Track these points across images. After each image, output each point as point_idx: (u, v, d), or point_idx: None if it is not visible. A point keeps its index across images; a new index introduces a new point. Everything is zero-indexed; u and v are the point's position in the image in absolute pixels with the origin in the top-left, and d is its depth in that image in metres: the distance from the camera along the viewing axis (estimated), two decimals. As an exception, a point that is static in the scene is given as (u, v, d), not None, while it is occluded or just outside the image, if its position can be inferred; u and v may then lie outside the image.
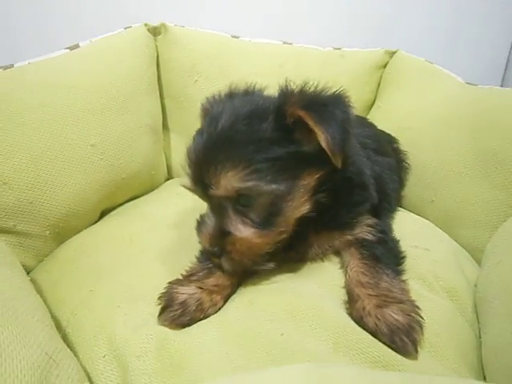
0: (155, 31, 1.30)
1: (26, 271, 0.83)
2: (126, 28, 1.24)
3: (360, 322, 0.67)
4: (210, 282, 0.74)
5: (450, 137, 1.07)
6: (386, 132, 1.19)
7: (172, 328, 0.68)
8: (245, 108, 0.74)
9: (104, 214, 1.10)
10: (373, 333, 0.65)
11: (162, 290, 0.74)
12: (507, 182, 0.93)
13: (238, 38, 1.40)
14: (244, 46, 1.38)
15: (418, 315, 0.67)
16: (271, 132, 0.69)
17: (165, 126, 1.35)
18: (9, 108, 0.89)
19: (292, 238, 0.76)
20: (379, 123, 1.22)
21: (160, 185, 1.30)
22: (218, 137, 0.71)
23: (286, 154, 0.69)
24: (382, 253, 0.79)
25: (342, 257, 0.83)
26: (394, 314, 0.65)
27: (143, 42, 1.24)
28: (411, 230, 0.94)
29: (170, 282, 0.75)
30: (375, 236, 0.81)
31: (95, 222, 1.06)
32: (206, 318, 0.71)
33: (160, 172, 1.29)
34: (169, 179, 1.37)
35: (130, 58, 1.18)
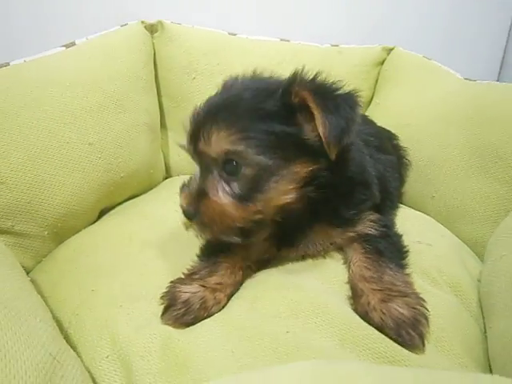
0: (152, 28, 1.29)
1: (25, 272, 0.82)
2: (122, 25, 1.23)
3: (365, 317, 0.67)
4: (213, 281, 0.74)
5: (450, 132, 1.07)
6: (386, 129, 1.18)
7: (176, 327, 0.67)
8: (257, 83, 0.76)
9: (103, 213, 1.09)
10: (379, 327, 0.65)
11: (164, 289, 0.73)
12: (508, 176, 0.93)
13: (235, 35, 1.40)
14: (241, 43, 1.38)
15: (423, 308, 0.67)
16: (274, 107, 0.69)
17: (162, 124, 1.34)
18: (5, 106, 0.88)
19: (287, 231, 0.77)
20: (378, 120, 1.22)
21: (158, 183, 1.29)
22: (223, 101, 0.73)
23: (284, 134, 0.68)
24: (385, 247, 0.78)
25: (345, 253, 0.82)
26: (400, 308, 0.65)
27: (140, 39, 1.23)
28: (413, 226, 0.94)
29: (172, 281, 0.75)
30: (378, 230, 0.80)
31: (94, 222, 1.05)
32: (210, 316, 0.70)
33: (158, 171, 1.28)
34: (167, 178, 1.36)
35: (126, 56, 1.16)
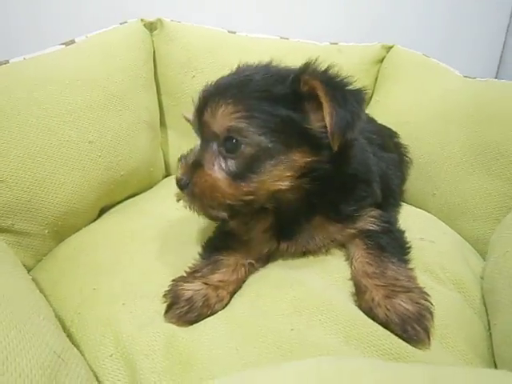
0: (151, 26, 1.29)
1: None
2: (121, 23, 1.22)
3: (370, 314, 0.67)
4: (215, 278, 0.73)
5: (450, 130, 1.07)
6: (387, 126, 1.18)
7: (179, 325, 0.67)
8: (269, 69, 0.76)
9: (103, 211, 1.08)
10: (384, 323, 0.65)
11: (166, 287, 0.73)
12: (509, 173, 0.93)
13: (234, 33, 1.39)
14: (241, 41, 1.37)
15: (427, 302, 0.67)
16: (282, 92, 0.70)
17: (162, 122, 1.33)
18: (4, 104, 0.88)
19: (286, 223, 0.78)
20: (378, 117, 1.22)
21: (158, 182, 1.28)
22: (233, 80, 0.74)
23: (288, 119, 0.69)
24: (387, 242, 0.78)
25: (347, 249, 0.82)
26: (404, 303, 0.65)
27: (139, 37, 1.22)
28: (415, 223, 0.94)
29: (174, 280, 0.74)
30: (379, 226, 0.80)
31: (94, 220, 1.04)
32: (214, 313, 0.70)
33: (158, 169, 1.28)
34: (166, 176, 1.35)
35: (126, 54, 1.16)
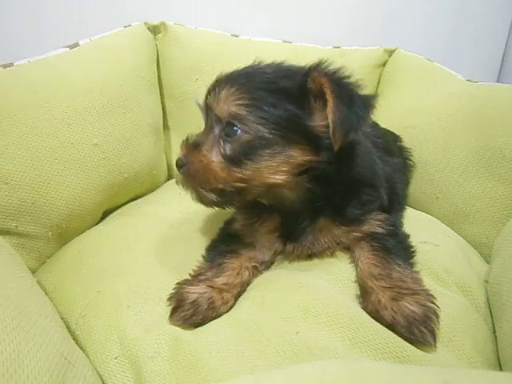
0: (155, 30, 1.30)
1: (29, 273, 0.81)
2: (125, 26, 1.23)
3: (376, 316, 0.67)
4: (220, 281, 0.73)
5: (454, 134, 1.07)
6: (390, 130, 1.19)
7: (184, 328, 0.67)
8: (281, 65, 0.78)
9: (106, 214, 1.08)
10: (390, 326, 0.65)
11: (171, 290, 0.73)
12: (510, 176, 0.93)
13: (237, 36, 1.40)
14: (244, 44, 1.38)
15: (433, 304, 0.67)
16: (289, 87, 0.71)
17: (165, 125, 1.34)
18: (9, 107, 0.88)
19: (290, 225, 0.79)
20: (381, 121, 1.21)
21: (161, 185, 1.29)
22: (245, 71, 0.76)
23: (291, 114, 0.70)
24: (393, 245, 0.78)
25: (352, 252, 0.82)
26: (410, 306, 0.65)
27: (143, 40, 1.23)
28: (419, 227, 0.94)
29: (178, 283, 0.74)
30: (385, 229, 0.80)
31: (97, 223, 1.04)
32: (219, 316, 0.70)
33: (161, 172, 1.28)
34: (169, 179, 1.35)
35: (130, 57, 1.17)
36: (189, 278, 0.76)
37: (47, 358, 0.45)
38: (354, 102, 0.68)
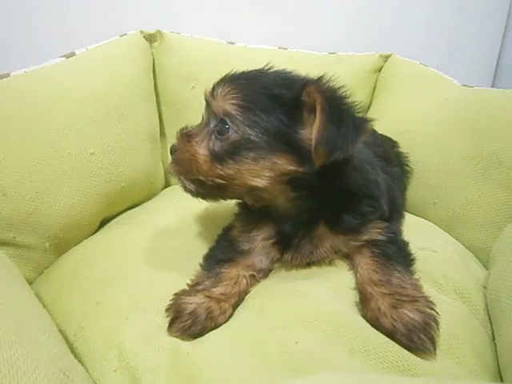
0: (151, 38, 1.30)
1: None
2: (121, 35, 1.23)
3: (376, 323, 0.67)
4: (217, 291, 0.73)
5: (450, 139, 1.08)
6: (387, 136, 1.19)
7: (183, 339, 0.67)
8: (286, 73, 0.78)
9: (103, 223, 1.08)
10: (389, 333, 0.64)
11: (169, 300, 0.73)
12: (509, 182, 0.94)
13: (233, 43, 1.40)
14: (240, 51, 1.38)
15: (432, 311, 0.67)
16: (285, 96, 0.71)
17: (162, 133, 1.34)
18: (6, 118, 0.88)
19: (287, 234, 0.80)
20: (377, 127, 1.21)
21: (158, 192, 1.28)
22: (249, 75, 0.77)
23: (282, 122, 0.70)
24: (393, 252, 0.78)
25: (352, 259, 0.82)
26: (410, 313, 0.65)
27: (139, 49, 1.23)
28: (417, 233, 0.94)
29: (176, 293, 0.74)
30: (385, 236, 0.80)
31: (95, 232, 1.04)
32: (217, 326, 0.70)
33: (158, 180, 1.27)
34: (166, 186, 1.35)
35: (126, 66, 1.17)
36: (186, 287, 0.76)
37: (46, 374, 0.45)
38: (344, 123, 0.67)
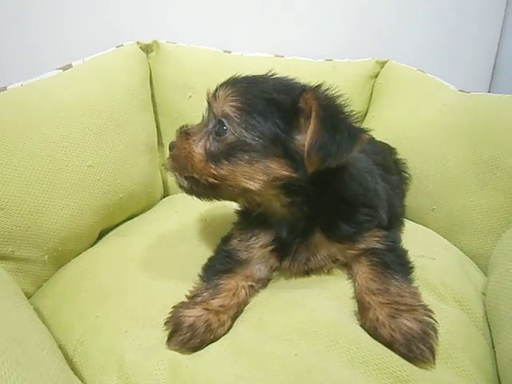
0: (147, 49, 1.30)
1: (25, 297, 0.80)
2: (118, 46, 1.23)
3: (374, 333, 0.67)
4: (216, 303, 0.73)
5: (448, 145, 1.08)
6: (385, 143, 1.19)
7: (183, 352, 0.67)
8: (288, 79, 0.79)
9: (102, 234, 1.08)
10: (388, 344, 0.65)
11: (167, 313, 0.73)
12: (507, 187, 0.94)
13: (229, 52, 1.41)
14: (236, 60, 1.39)
15: (431, 319, 0.67)
16: (283, 101, 0.72)
17: (159, 142, 1.34)
18: (4, 131, 0.88)
19: (284, 240, 0.80)
20: (375, 133, 1.21)
21: (156, 202, 1.28)
22: (251, 79, 0.78)
23: (278, 127, 0.71)
24: (391, 260, 0.78)
25: (350, 268, 0.82)
26: (408, 323, 0.65)
27: (136, 60, 1.24)
28: (415, 240, 0.94)
29: (174, 306, 0.74)
30: (383, 244, 0.80)
31: (94, 244, 1.04)
32: (217, 338, 0.70)
33: (156, 189, 1.28)
34: (165, 196, 1.35)
35: (123, 77, 1.17)
36: (185, 299, 0.76)
37: (45, 394, 0.45)
38: (338, 131, 0.68)
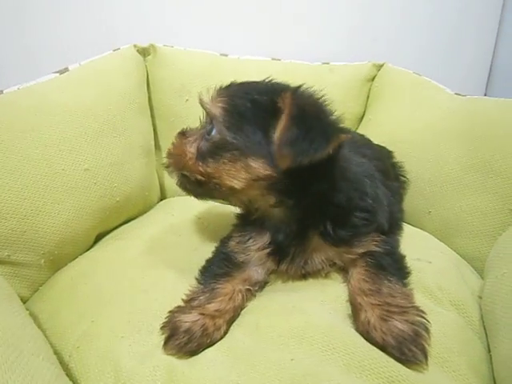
0: (144, 52, 1.30)
1: (22, 302, 0.80)
2: (114, 50, 1.23)
3: (367, 337, 0.67)
4: (212, 307, 0.73)
5: (444, 148, 1.08)
6: (383, 146, 1.19)
7: (180, 356, 0.66)
8: (277, 83, 0.80)
9: (98, 238, 1.08)
10: (381, 347, 0.65)
11: (164, 318, 0.72)
12: (503, 190, 0.94)
13: (226, 56, 1.41)
14: (233, 63, 1.39)
15: (423, 319, 0.67)
16: (265, 102, 0.74)
17: (156, 145, 1.33)
18: (0, 135, 0.87)
19: (280, 243, 0.81)
20: (371, 136, 1.23)
21: (153, 205, 1.28)
22: (241, 83, 0.81)
23: (260, 128, 0.72)
24: (388, 263, 0.78)
25: (346, 272, 0.82)
26: (400, 325, 0.65)
27: (133, 63, 1.24)
28: (412, 243, 0.94)
29: (170, 311, 0.74)
30: (381, 248, 0.81)
31: (90, 247, 1.04)
32: (214, 342, 0.69)
33: (153, 193, 1.27)
34: (162, 199, 1.35)
35: (120, 81, 1.17)
36: (181, 303, 0.76)
37: (39, 400, 0.44)
38: (312, 129, 0.67)
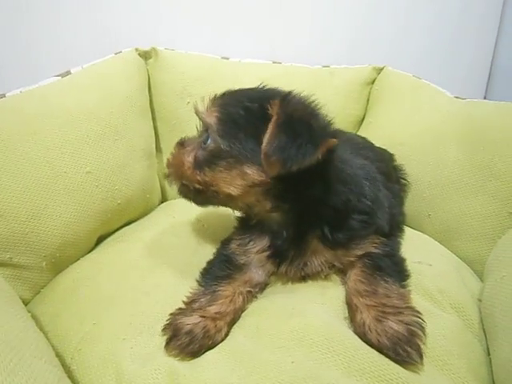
0: (146, 55, 1.31)
1: (23, 304, 0.80)
2: (116, 53, 1.24)
3: (364, 338, 0.67)
4: (212, 310, 0.74)
5: (444, 151, 1.09)
6: (384, 149, 1.19)
7: (182, 358, 0.67)
8: (271, 89, 0.81)
9: (100, 240, 1.08)
10: (377, 348, 0.65)
11: (165, 320, 0.73)
12: (502, 194, 0.95)
13: (227, 59, 1.41)
14: (234, 66, 1.39)
15: (418, 319, 0.67)
16: (256, 110, 0.74)
17: (157, 148, 1.34)
18: (2, 138, 0.88)
19: (280, 245, 0.81)
20: (371, 139, 1.23)
21: (155, 208, 1.28)
22: (235, 91, 0.82)
23: (252, 135, 0.73)
24: (387, 265, 0.79)
25: (345, 274, 0.82)
26: (394, 325, 0.65)
27: (135, 66, 1.24)
28: (412, 246, 0.94)
29: (172, 313, 0.74)
30: (381, 250, 0.81)
31: (92, 250, 1.04)
32: (215, 344, 0.70)
33: (154, 195, 1.28)
34: (163, 201, 1.35)
35: (122, 84, 1.17)
36: (182, 305, 0.76)
37: (42, 403, 0.45)
38: (299, 135, 0.68)
